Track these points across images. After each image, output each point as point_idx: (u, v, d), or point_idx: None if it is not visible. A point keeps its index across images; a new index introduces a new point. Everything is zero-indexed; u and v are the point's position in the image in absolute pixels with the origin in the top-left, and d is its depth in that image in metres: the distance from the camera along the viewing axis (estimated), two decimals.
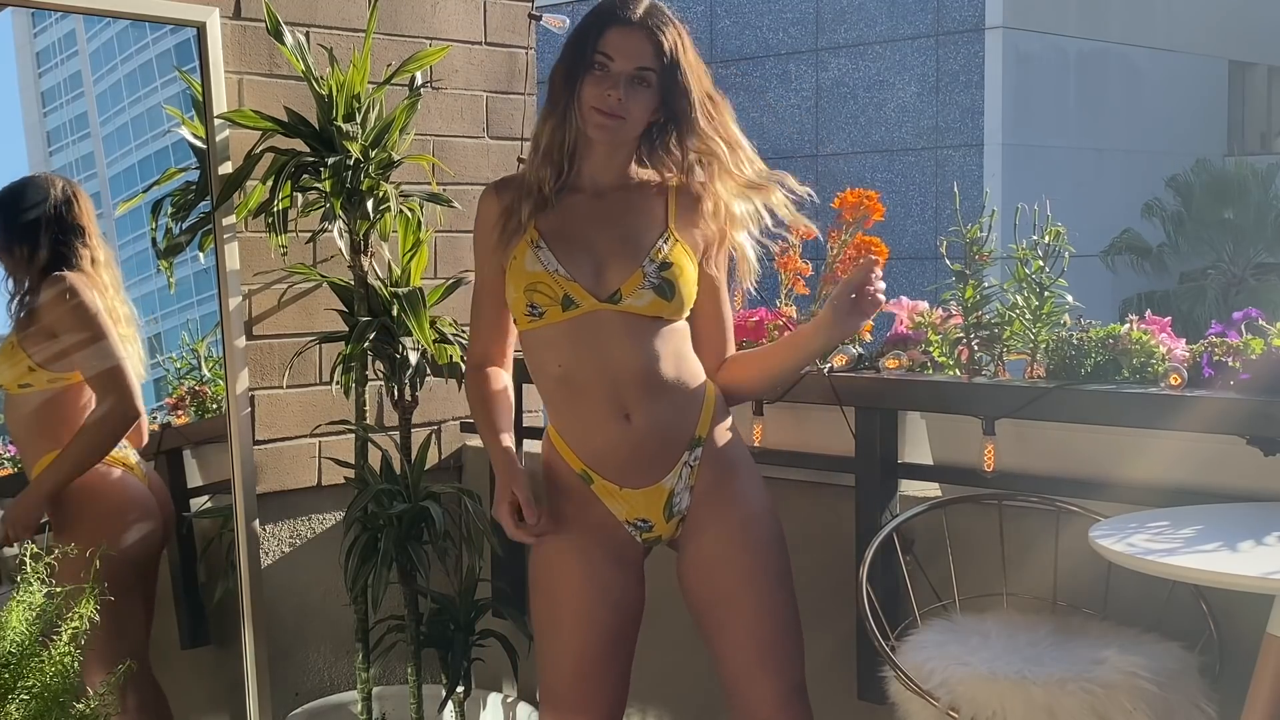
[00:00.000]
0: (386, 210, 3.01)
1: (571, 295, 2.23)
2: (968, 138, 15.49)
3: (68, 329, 2.86)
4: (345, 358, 3.00)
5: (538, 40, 3.76)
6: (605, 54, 2.19)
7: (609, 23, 2.21)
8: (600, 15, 2.23)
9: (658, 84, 2.21)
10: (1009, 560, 2.67)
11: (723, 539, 2.33)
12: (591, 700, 2.32)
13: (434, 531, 2.98)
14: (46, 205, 2.86)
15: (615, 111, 2.19)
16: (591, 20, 2.23)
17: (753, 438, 3.00)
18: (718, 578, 2.33)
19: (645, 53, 2.20)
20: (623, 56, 2.19)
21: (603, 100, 2.19)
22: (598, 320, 2.23)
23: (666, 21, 2.22)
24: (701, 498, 2.34)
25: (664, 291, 2.25)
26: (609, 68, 2.19)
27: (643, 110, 2.22)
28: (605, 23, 2.21)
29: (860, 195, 3.11)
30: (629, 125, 2.22)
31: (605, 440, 2.27)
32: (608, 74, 2.19)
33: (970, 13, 15.72)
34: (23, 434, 2.92)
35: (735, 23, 17.27)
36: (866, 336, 3.02)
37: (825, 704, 3.02)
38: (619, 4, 2.23)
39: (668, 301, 2.25)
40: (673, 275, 2.26)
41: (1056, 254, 2.71)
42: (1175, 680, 2.25)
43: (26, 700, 2.14)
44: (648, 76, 2.20)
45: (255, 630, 3.08)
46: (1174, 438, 2.48)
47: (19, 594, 2.23)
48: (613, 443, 2.27)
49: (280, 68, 3.16)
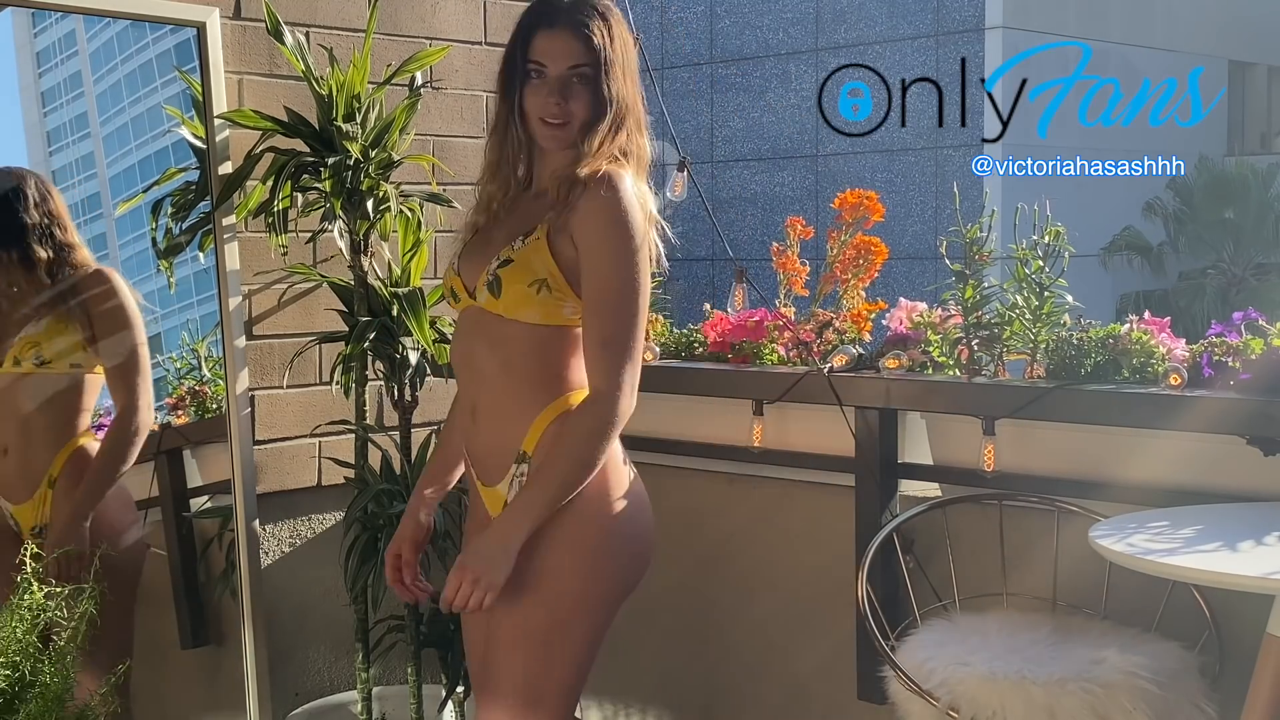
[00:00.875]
0: (386, 210, 3.01)
1: (454, 289, 2.26)
2: (968, 138, 15.50)
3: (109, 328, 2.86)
4: (345, 358, 3.00)
5: None
6: (537, 61, 2.18)
7: (535, 28, 2.19)
8: (525, 23, 2.21)
9: (593, 76, 2.18)
10: (1009, 560, 2.67)
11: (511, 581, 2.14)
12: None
13: (434, 531, 2.97)
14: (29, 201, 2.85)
15: (558, 118, 2.18)
16: (518, 30, 2.22)
17: (753, 438, 3.01)
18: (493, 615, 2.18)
19: (575, 50, 2.17)
20: (553, 60, 2.17)
21: (545, 109, 2.17)
22: (468, 315, 2.25)
23: (592, 13, 2.19)
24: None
25: (493, 289, 2.18)
26: (544, 74, 2.18)
27: (584, 107, 2.18)
28: (531, 29, 2.20)
29: (860, 195, 3.12)
30: (574, 125, 2.19)
31: (463, 433, 2.30)
32: (544, 80, 2.18)
33: (970, 13, 15.72)
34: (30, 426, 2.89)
35: (735, 23, 17.27)
36: (866, 337, 3.02)
37: (825, 704, 3.03)
38: (543, 8, 2.21)
39: (496, 299, 2.18)
40: (507, 272, 2.18)
41: (1056, 254, 2.71)
42: (1175, 680, 2.25)
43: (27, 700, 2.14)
44: (583, 72, 2.17)
45: (255, 630, 3.08)
46: (1174, 438, 2.48)
47: (19, 594, 2.23)
48: (466, 436, 2.29)
49: (280, 68, 3.16)
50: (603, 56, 2.17)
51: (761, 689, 3.16)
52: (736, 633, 3.16)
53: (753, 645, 3.16)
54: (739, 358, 3.09)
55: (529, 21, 2.21)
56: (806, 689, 3.06)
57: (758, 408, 3.00)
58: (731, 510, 3.13)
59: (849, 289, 3.09)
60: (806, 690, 3.06)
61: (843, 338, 2.99)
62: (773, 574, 3.11)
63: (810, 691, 3.06)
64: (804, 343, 3.00)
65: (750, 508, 3.15)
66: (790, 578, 3.08)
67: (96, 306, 2.87)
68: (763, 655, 3.14)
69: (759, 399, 2.99)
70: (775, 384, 2.95)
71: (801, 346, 3.01)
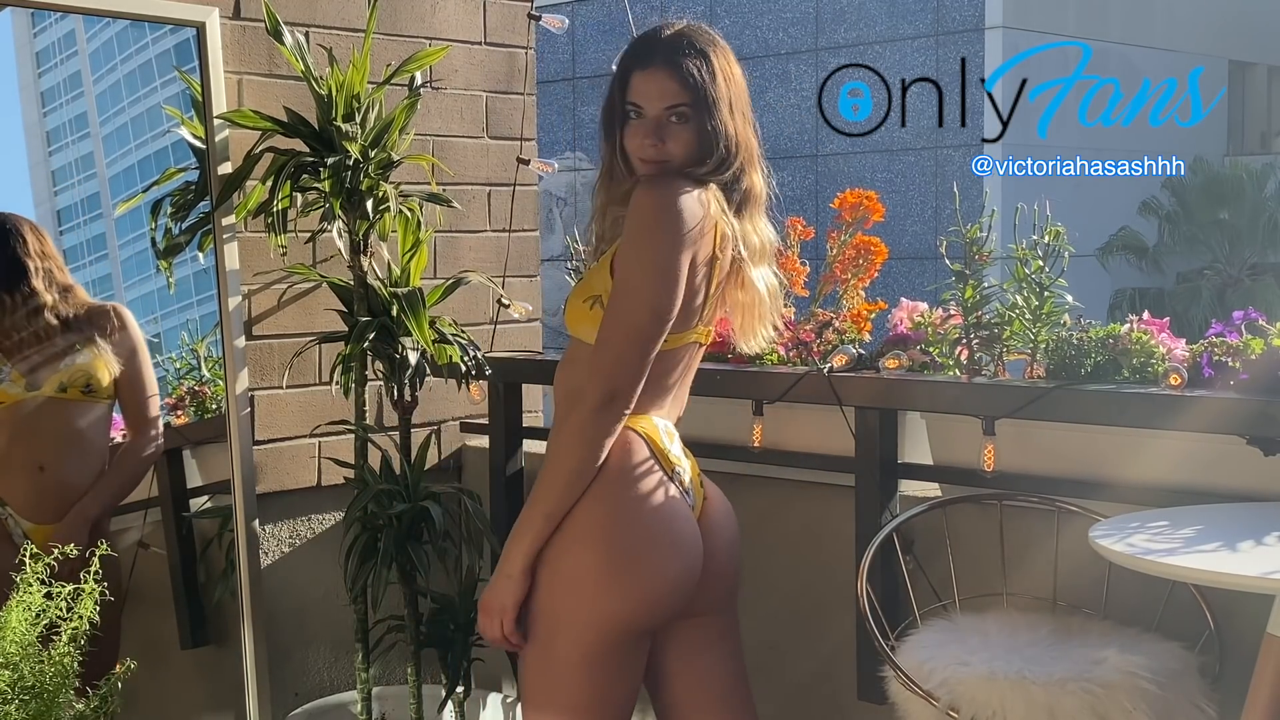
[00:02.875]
0: (386, 210, 3.01)
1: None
2: (968, 138, 15.50)
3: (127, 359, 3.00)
4: (345, 358, 3.00)
5: (537, 40, 3.76)
6: (634, 103, 2.16)
7: (631, 69, 2.17)
8: (623, 64, 2.19)
9: (694, 114, 2.14)
10: (1009, 560, 2.67)
11: None
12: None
13: (434, 531, 2.98)
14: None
15: (657, 158, 2.15)
16: (617, 72, 2.20)
17: (753, 438, 3.01)
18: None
19: (670, 90, 2.13)
20: (649, 100, 2.15)
21: (643, 150, 2.15)
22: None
23: (691, 51, 2.14)
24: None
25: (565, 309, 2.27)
26: (642, 114, 2.15)
27: (682, 145, 2.15)
28: (629, 70, 2.17)
29: (860, 195, 3.11)
30: (674, 165, 2.15)
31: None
32: (642, 120, 2.16)
33: (970, 13, 15.72)
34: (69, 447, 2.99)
35: (735, 23, 17.26)
36: (866, 337, 3.02)
37: (825, 704, 3.03)
38: (638, 48, 2.18)
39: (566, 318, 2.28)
40: (572, 291, 2.27)
41: (1056, 254, 2.71)
42: (1175, 680, 2.25)
43: (26, 700, 2.14)
44: (681, 111, 2.14)
45: (255, 630, 3.08)
46: (1174, 438, 2.48)
47: (19, 594, 2.23)
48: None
49: (280, 68, 3.16)
50: (703, 95, 2.13)
51: (762, 689, 3.16)
52: None
53: (752, 645, 3.15)
54: (739, 358, 3.09)
55: (626, 62, 2.18)
56: (806, 689, 3.06)
57: (758, 408, 2.99)
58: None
59: (849, 289, 3.09)
60: (806, 690, 3.06)
61: (843, 338, 2.98)
62: (772, 574, 3.11)
63: (810, 691, 3.06)
64: (804, 343, 3.00)
65: (750, 508, 3.13)
66: (790, 578, 3.08)
67: (116, 339, 2.98)
68: (763, 655, 3.14)
69: (759, 399, 2.99)
70: (775, 384, 2.95)
71: (801, 346, 3.01)
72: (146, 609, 3.08)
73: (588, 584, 2.08)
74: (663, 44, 2.15)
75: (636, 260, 2.08)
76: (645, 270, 2.07)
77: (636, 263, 2.08)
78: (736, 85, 2.17)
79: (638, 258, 2.08)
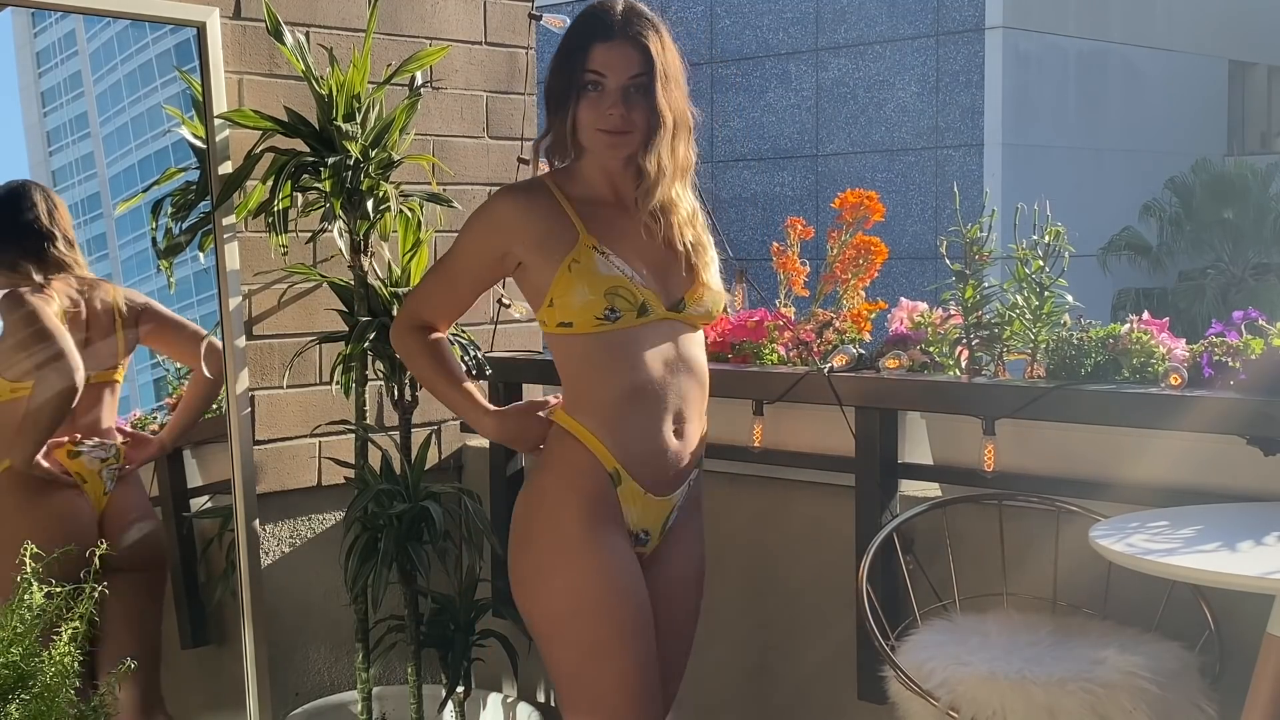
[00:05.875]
0: (386, 210, 3.01)
1: (648, 302, 2.20)
2: (968, 138, 15.49)
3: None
4: (345, 358, 3.00)
5: (538, 40, 3.76)
6: (597, 72, 2.16)
7: (592, 39, 2.18)
8: (582, 36, 2.19)
9: (650, 85, 2.17)
10: (1009, 560, 2.67)
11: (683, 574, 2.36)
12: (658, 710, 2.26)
13: (434, 531, 2.98)
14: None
15: (621, 128, 2.17)
16: (572, 44, 2.20)
17: (753, 438, 3.01)
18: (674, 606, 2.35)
19: (635, 61, 2.17)
20: (614, 70, 2.16)
21: (606, 120, 2.16)
22: (667, 328, 2.23)
23: (646, 25, 2.20)
24: (680, 521, 2.34)
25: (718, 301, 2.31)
26: (603, 85, 2.17)
27: (644, 115, 2.18)
28: (589, 40, 2.18)
29: (860, 195, 3.11)
30: (636, 136, 2.18)
31: (656, 447, 2.23)
32: (603, 92, 2.17)
33: (970, 13, 15.71)
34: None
35: (735, 23, 17.27)
36: (866, 337, 3.02)
37: (825, 704, 3.03)
38: (599, 20, 2.19)
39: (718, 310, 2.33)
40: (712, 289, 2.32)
41: (1056, 254, 2.71)
42: (1175, 680, 2.25)
43: (26, 700, 2.14)
44: (641, 83, 2.17)
45: (255, 630, 3.08)
46: (1174, 438, 2.48)
47: (19, 594, 2.23)
48: (661, 450, 2.24)
49: (280, 68, 3.16)
50: (660, 67, 2.17)
51: (762, 688, 3.16)
52: (736, 632, 3.16)
53: (753, 644, 3.16)
54: (739, 358, 3.09)
55: (585, 33, 2.19)
56: (807, 689, 3.06)
57: (758, 408, 2.99)
58: (732, 510, 3.13)
59: (849, 289, 3.09)
60: (807, 690, 3.07)
61: (843, 338, 2.99)
62: (773, 574, 3.11)
63: (810, 691, 3.06)
64: (804, 343, 3.00)
65: (750, 508, 3.15)
66: (790, 577, 3.08)
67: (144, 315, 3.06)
68: (763, 655, 3.15)
69: (759, 399, 2.99)
70: (775, 384, 2.95)
71: (801, 346, 3.01)
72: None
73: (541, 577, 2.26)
74: (621, 17, 2.20)
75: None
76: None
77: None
78: (678, 61, 2.25)
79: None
